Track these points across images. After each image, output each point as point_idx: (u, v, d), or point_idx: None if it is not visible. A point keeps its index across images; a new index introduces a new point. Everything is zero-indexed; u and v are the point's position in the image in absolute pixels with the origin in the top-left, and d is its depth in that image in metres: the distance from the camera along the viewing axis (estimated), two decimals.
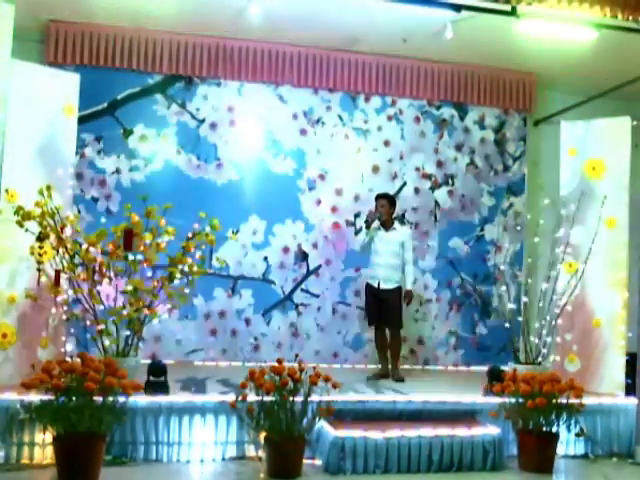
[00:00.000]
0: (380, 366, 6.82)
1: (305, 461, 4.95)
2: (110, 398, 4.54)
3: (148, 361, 5.71)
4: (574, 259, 6.47)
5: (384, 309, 6.63)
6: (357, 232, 7.66)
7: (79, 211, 6.98)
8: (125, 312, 5.54)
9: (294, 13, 6.71)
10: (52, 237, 5.49)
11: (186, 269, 5.79)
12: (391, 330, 6.72)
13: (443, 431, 5.15)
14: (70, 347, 6.13)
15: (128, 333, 5.60)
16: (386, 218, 6.68)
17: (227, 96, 7.62)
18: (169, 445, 5.11)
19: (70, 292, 5.72)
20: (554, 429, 5.22)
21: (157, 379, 5.30)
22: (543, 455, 5.21)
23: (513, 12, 6.19)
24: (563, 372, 6.18)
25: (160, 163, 7.44)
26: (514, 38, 6.77)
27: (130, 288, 5.56)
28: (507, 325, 6.55)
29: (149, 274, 5.87)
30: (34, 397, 4.58)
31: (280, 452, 4.79)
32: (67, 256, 5.57)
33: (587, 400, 5.45)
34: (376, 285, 6.66)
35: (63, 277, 5.62)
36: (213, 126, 7.58)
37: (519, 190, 8.30)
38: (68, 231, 5.63)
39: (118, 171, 7.33)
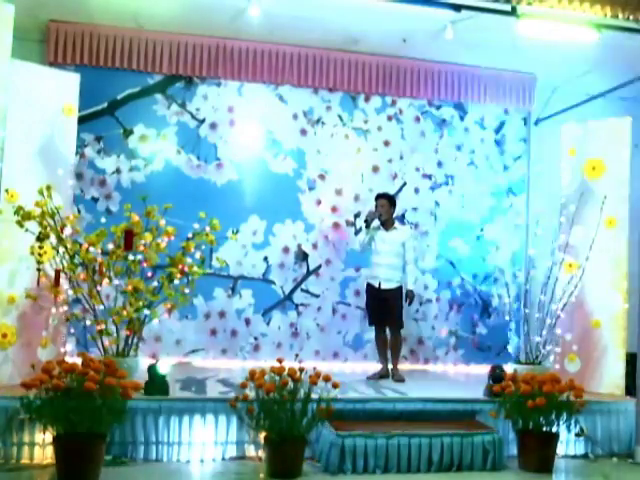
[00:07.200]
0: (380, 366, 6.82)
1: (305, 461, 4.95)
2: (110, 398, 4.54)
3: (149, 361, 5.70)
4: (574, 259, 6.48)
5: (385, 309, 6.62)
6: (357, 232, 7.66)
7: (79, 211, 6.98)
8: (125, 312, 5.54)
9: (294, 13, 6.71)
10: (52, 237, 5.50)
11: (186, 269, 5.79)
12: (392, 330, 6.72)
13: (443, 431, 5.15)
14: (70, 347, 6.13)
15: (128, 333, 5.61)
16: (386, 218, 6.68)
17: (227, 96, 7.61)
18: (169, 445, 5.11)
19: (70, 292, 5.73)
20: (554, 429, 5.22)
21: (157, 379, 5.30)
22: (543, 455, 5.21)
23: (513, 12, 6.20)
24: (563, 372, 6.18)
25: (160, 163, 7.43)
26: (514, 38, 6.76)
27: (130, 288, 5.57)
28: (507, 325, 6.56)
29: (149, 274, 5.88)
30: (34, 397, 4.58)
31: (280, 452, 4.79)
32: (67, 256, 5.58)
33: (587, 400, 5.45)
34: (377, 285, 6.66)
35: (63, 277, 5.62)
36: (213, 126, 7.58)
37: (519, 190, 8.29)
38: (68, 231, 5.63)
39: (118, 171, 7.32)
